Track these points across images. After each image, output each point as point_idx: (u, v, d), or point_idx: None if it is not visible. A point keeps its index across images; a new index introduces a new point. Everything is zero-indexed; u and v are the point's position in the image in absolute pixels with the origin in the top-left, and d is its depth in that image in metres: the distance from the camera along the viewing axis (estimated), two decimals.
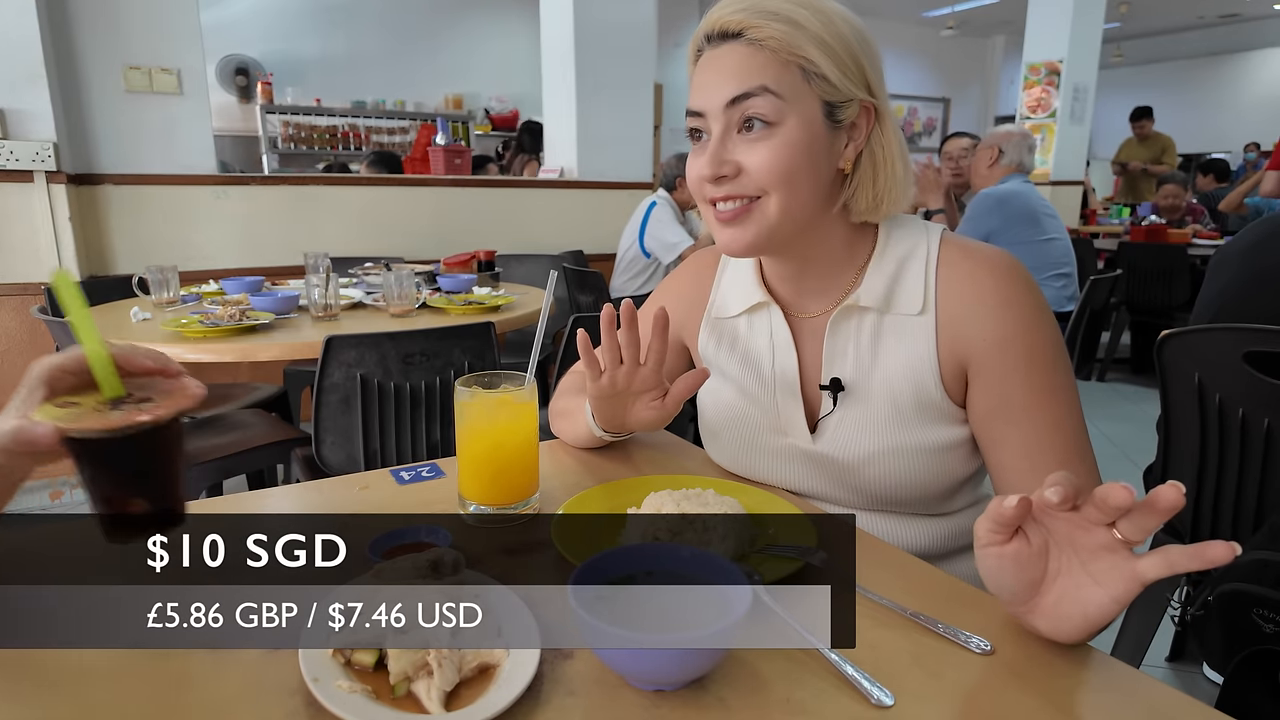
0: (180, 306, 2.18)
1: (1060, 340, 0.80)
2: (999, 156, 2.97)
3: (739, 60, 0.74)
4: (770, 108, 0.74)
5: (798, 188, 0.76)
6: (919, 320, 0.81)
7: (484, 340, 1.74)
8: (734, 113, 0.75)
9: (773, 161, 0.74)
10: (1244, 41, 10.68)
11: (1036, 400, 0.77)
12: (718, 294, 0.96)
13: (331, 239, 3.29)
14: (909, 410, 0.82)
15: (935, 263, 0.81)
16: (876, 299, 0.82)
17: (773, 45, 0.73)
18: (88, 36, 2.78)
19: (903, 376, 0.82)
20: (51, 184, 2.64)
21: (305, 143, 6.82)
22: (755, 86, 0.73)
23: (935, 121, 10.41)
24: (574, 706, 0.51)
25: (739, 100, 0.74)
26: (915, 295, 0.81)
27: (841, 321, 0.84)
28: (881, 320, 0.83)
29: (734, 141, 0.76)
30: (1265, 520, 1.28)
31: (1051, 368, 0.78)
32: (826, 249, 0.83)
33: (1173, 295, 4.28)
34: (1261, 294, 1.41)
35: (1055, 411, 0.77)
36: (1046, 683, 0.55)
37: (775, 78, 0.73)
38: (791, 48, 0.73)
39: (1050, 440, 0.77)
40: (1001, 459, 0.80)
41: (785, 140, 0.74)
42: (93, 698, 0.52)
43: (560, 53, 3.86)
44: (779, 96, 0.74)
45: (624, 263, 3.46)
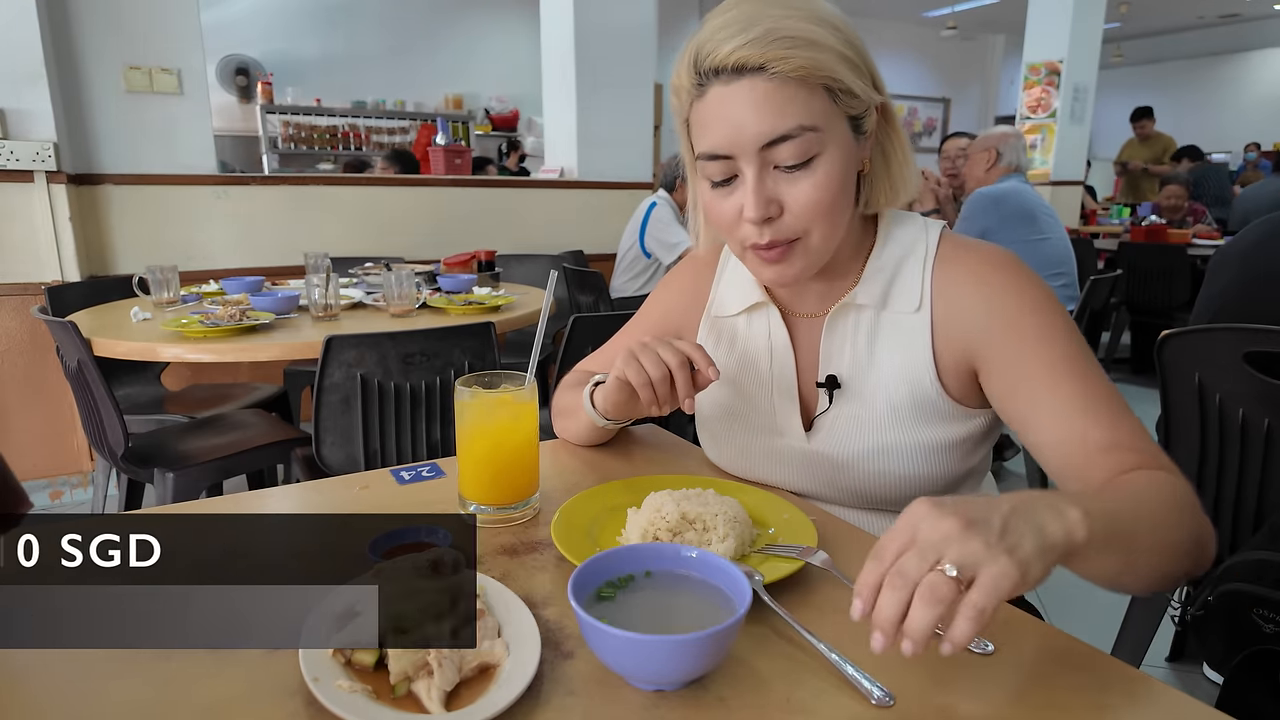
0: (180, 306, 2.18)
1: (1068, 318, 0.77)
2: (997, 159, 2.96)
3: (765, 96, 0.69)
4: (810, 143, 0.71)
5: (839, 215, 0.76)
6: (915, 318, 0.81)
7: (484, 340, 1.74)
8: (770, 154, 0.71)
9: (818, 197, 0.73)
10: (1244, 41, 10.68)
11: (1055, 372, 0.73)
12: (717, 293, 0.96)
13: (332, 239, 3.29)
14: (905, 409, 0.82)
15: (933, 260, 0.81)
16: (873, 297, 0.82)
17: (800, 75, 0.69)
18: (88, 36, 2.78)
19: (899, 375, 0.82)
20: (52, 184, 2.64)
21: (305, 143, 6.82)
22: (794, 127, 0.70)
23: (935, 122, 10.41)
24: (574, 706, 0.51)
25: (776, 142, 0.70)
26: (912, 293, 0.81)
27: (839, 320, 0.85)
28: (879, 318, 0.83)
29: (773, 179, 0.73)
30: (1265, 520, 1.28)
31: (1065, 338, 0.75)
32: (837, 251, 0.83)
33: (1173, 295, 4.28)
34: (1262, 294, 1.41)
35: (1080, 378, 0.73)
36: (1046, 683, 0.55)
37: (808, 110, 0.70)
38: (818, 72, 0.70)
39: (1082, 405, 0.72)
40: (1039, 439, 0.74)
41: (828, 171, 0.72)
42: (93, 697, 0.52)
43: (560, 53, 3.86)
44: (816, 130, 0.71)
45: (624, 263, 3.46)
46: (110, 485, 2.29)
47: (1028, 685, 0.55)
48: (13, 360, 2.68)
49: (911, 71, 9.99)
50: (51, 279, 2.67)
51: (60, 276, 2.69)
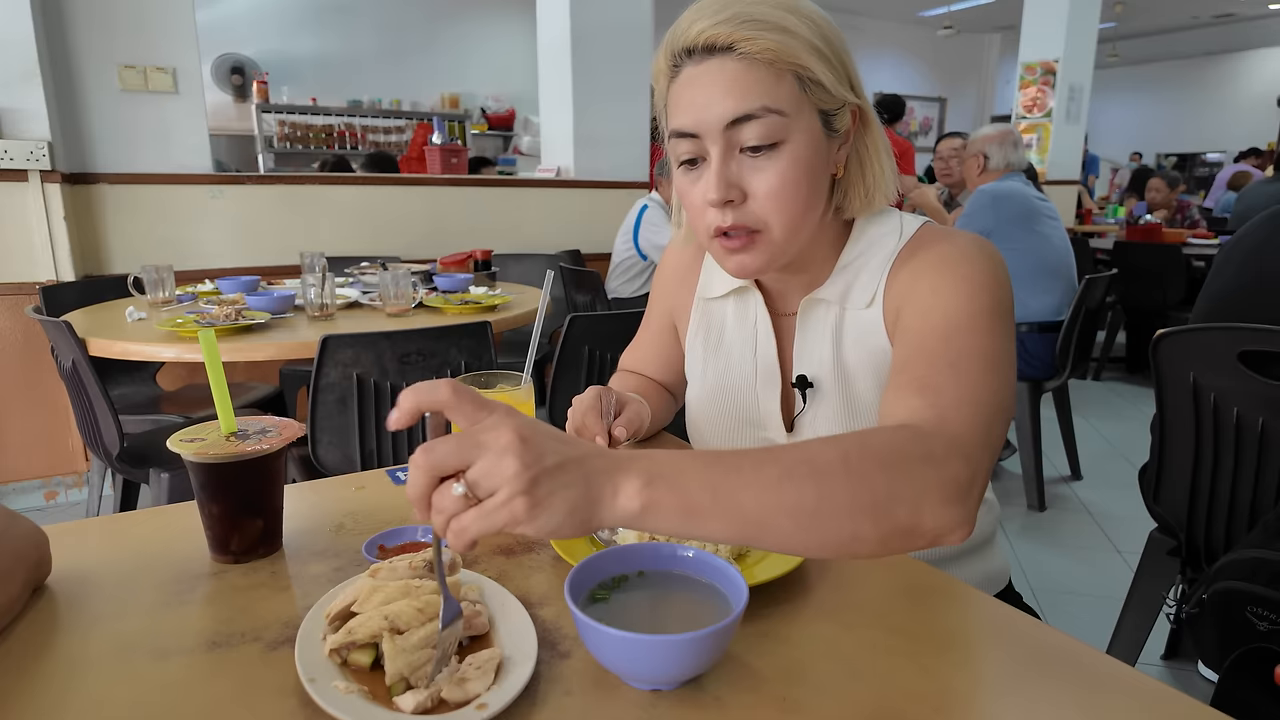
0: (176, 306, 2.18)
1: (991, 308, 0.71)
2: (985, 162, 2.96)
3: (733, 77, 0.70)
4: (775, 127, 0.70)
5: (802, 208, 0.74)
6: (869, 314, 0.81)
7: (481, 340, 1.74)
8: (735, 134, 0.71)
9: (781, 184, 0.72)
10: (1239, 41, 10.72)
11: (931, 365, 0.68)
12: (706, 272, 0.96)
13: (327, 238, 3.29)
14: (874, 405, 0.81)
15: (896, 255, 0.80)
16: (837, 293, 0.82)
17: (768, 57, 0.69)
18: (82, 35, 2.77)
19: (866, 372, 0.82)
20: (46, 183, 2.63)
21: (301, 142, 6.81)
22: (757, 107, 0.70)
23: (931, 121, 10.43)
24: (571, 706, 0.51)
25: (740, 121, 0.70)
26: (867, 289, 0.81)
27: (810, 316, 0.85)
28: (842, 315, 0.83)
29: (737, 162, 0.73)
30: (1259, 519, 1.28)
31: (963, 335, 0.69)
32: (813, 249, 0.83)
33: (1168, 295, 4.29)
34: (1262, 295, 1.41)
35: (949, 373, 0.66)
36: (1042, 681, 0.55)
37: (775, 93, 0.70)
38: (786, 57, 0.70)
39: (921, 385, 0.66)
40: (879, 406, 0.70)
41: (791, 159, 0.72)
42: (90, 697, 0.52)
43: (556, 52, 3.86)
44: (781, 114, 0.70)
45: (620, 266, 3.46)
46: (105, 485, 2.29)
47: (1023, 684, 0.56)
48: (7, 360, 2.67)
49: (907, 71, 10.01)
50: (46, 279, 2.66)
51: (55, 276, 2.68)
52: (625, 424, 0.86)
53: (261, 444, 0.70)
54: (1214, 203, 6.86)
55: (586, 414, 0.85)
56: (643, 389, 1.01)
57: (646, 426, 0.93)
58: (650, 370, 1.06)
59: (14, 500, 2.78)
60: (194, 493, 0.70)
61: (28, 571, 0.62)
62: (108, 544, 0.75)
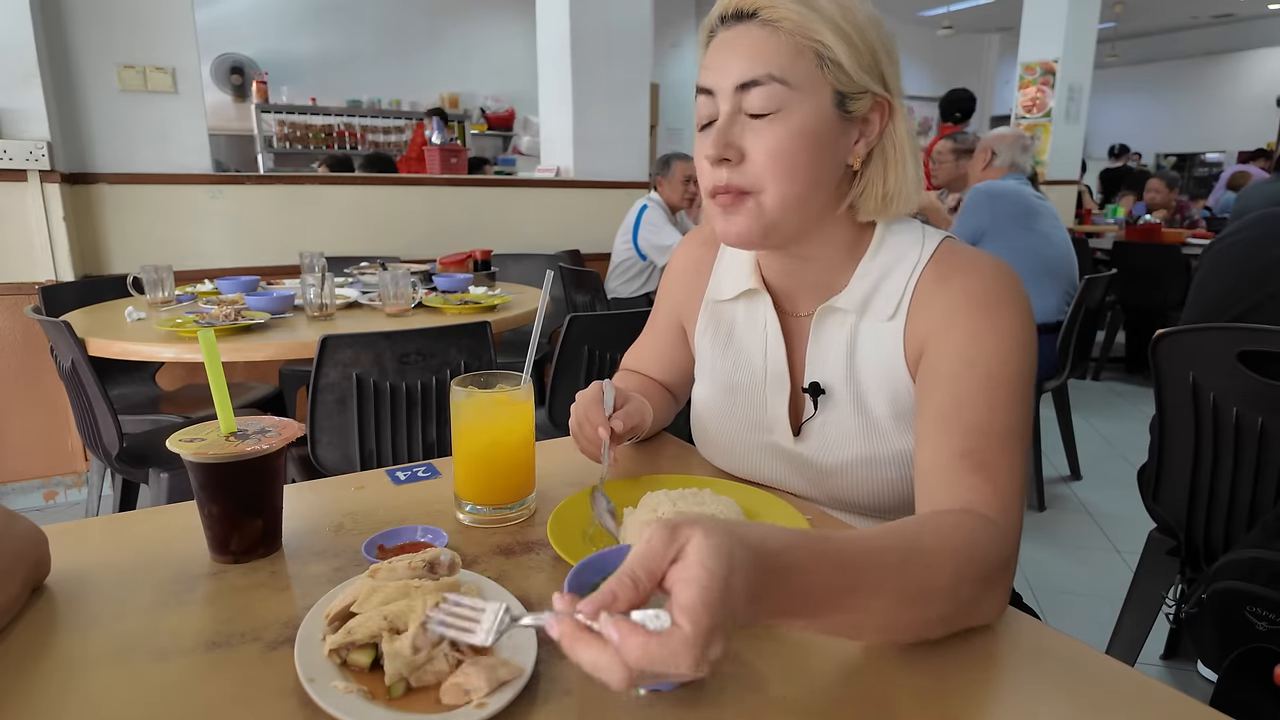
0: (175, 306, 2.18)
1: (1026, 373, 0.73)
2: (992, 158, 2.97)
3: (752, 42, 0.73)
4: (779, 95, 0.72)
5: (798, 179, 0.74)
6: (889, 326, 0.80)
7: (480, 340, 1.74)
8: (742, 97, 0.73)
9: (776, 149, 0.73)
10: (1238, 41, 10.73)
11: (978, 415, 0.70)
12: (716, 275, 0.96)
13: (327, 238, 3.28)
14: (885, 418, 0.81)
15: (921, 270, 0.79)
16: (855, 302, 0.81)
17: (788, 27, 0.72)
18: (82, 35, 2.77)
19: (879, 383, 0.81)
20: (45, 183, 2.63)
21: (301, 142, 6.81)
22: (763, 74, 0.72)
23: (930, 121, 10.40)
24: (570, 705, 0.51)
25: (748, 86, 0.73)
26: (890, 301, 0.80)
27: (824, 323, 0.84)
28: (859, 325, 0.82)
29: (741, 124, 0.74)
30: (1258, 519, 1.28)
31: (1006, 404, 0.71)
32: (827, 249, 0.82)
33: (1167, 295, 4.29)
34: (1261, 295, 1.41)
35: (981, 433, 0.69)
36: (1042, 681, 0.55)
37: (787, 64, 0.72)
38: (806, 30, 0.71)
39: (963, 446, 0.69)
40: (923, 457, 0.72)
41: (792, 128, 0.73)
42: (89, 698, 0.52)
43: (556, 52, 3.86)
44: (788, 85, 0.72)
45: (619, 267, 3.46)
46: (105, 485, 2.29)
47: (1023, 684, 0.56)
48: (7, 360, 2.67)
49: (907, 71, 9.94)
50: (45, 279, 2.66)
51: (54, 276, 2.68)
52: (624, 418, 0.86)
53: (261, 444, 0.70)
54: (1214, 202, 6.87)
55: (590, 407, 0.86)
56: (644, 389, 1.01)
57: (648, 426, 0.93)
58: (653, 370, 1.06)
59: (13, 500, 2.77)
60: (193, 493, 0.70)
61: (27, 571, 0.62)
62: (107, 544, 0.75)
